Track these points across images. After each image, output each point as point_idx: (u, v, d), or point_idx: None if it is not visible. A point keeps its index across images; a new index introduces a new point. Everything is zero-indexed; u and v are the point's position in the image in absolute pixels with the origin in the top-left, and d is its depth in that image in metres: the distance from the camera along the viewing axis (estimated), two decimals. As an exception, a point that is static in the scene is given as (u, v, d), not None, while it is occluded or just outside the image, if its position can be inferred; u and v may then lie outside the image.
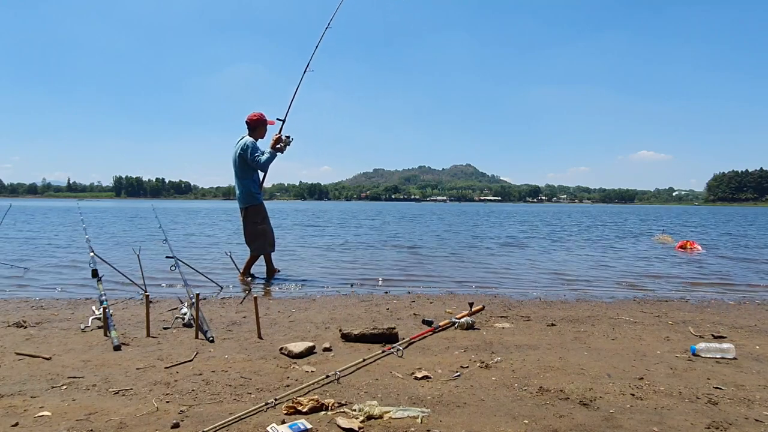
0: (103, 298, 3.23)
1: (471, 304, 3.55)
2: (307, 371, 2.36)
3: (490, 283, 5.37)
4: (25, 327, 3.13)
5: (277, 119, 5.23)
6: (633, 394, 2.11)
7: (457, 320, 3.23)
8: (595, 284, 5.46)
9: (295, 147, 5.43)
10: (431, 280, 5.59)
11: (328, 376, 2.17)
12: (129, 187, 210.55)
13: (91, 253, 3.82)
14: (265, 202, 5.41)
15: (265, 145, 5.18)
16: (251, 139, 5.13)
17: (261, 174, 5.29)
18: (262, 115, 5.19)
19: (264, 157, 5.04)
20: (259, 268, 5.54)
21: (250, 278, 5.31)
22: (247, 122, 5.19)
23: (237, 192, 5.25)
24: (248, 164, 5.09)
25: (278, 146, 5.11)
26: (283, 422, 1.77)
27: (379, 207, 65.45)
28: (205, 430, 1.69)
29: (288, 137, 5.16)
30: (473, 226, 17.67)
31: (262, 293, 4.64)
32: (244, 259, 5.50)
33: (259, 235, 5.26)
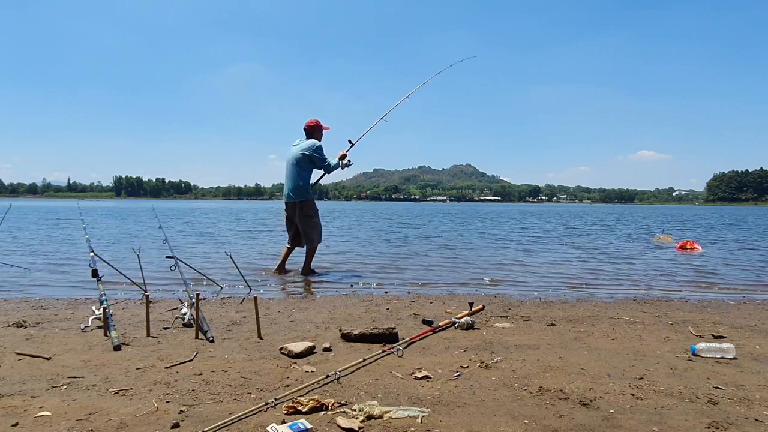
0: (103, 298, 3.23)
1: (471, 304, 3.56)
2: (307, 371, 2.36)
3: (488, 283, 5.38)
4: (25, 327, 3.13)
5: (349, 141, 5.71)
6: (633, 394, 2.11)
7: (457, 320, 3.23)
8: (594, 284, 5.46)
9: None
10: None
11: (328, 376, 2.17)
12: (129, 187, 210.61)
13: (91, 253, 3.82)
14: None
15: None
16: (317, 141, 5.53)
17: (317, 176, 5.71)
18: (318, 121, 5.63)
19: (333, 162, 5.52)
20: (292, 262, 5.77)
21: (307, 274, 5.61)
22: (305, 128, 5.61)
23: (288, 188, 5.53)
24: (311, 163, 5.45)
25: (342, 162, 5.57)
26: (283, 422, 1.77)
27: (373, 207, 65.31)
28: (205, 430, 1.69)
29: (350, 160, 5.63)
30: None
31: (265, 292, 4.64)
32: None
33: (312, 227, 5.57)
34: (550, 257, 8.10)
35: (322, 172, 5.65)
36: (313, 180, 5.65)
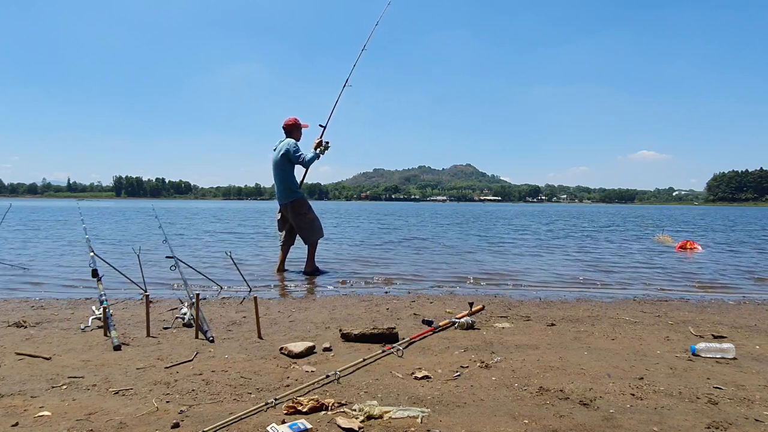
0: (103, 298, 3.23)
1: (471, 304, 3.56)
2: (307, 371, 2.36)
3: (491, 282, 5.38)
4: (25, 327, 3.13)
5: (320, 125, 5.72)
6: (633, 394, 2.11)
7: (457, 320, 3.23)
8: (595, 284, 5.46)
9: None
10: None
11: (328, 376, 2.17)
12: (129, 187, 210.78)
13: (91, 253, 3.82)
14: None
15: (303, 146, 5.59)
16: (293, 140, 5.55)
17: (301, 173, 5.78)
18: (296, 120, 5.63)
19: (309, 156, 5.51)
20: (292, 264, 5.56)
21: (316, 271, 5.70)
22: (283, 127, 5.63)
23: (277, 191, 5.62)
24: (291, 162, 5.49)
25: (319, 149, 5.60)
26: (283, 422, 1.77)
27: (373, 207, 65.28)
28: (205, 430, 1.69)
29: (327, 143, 5.63)
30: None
31: (265, 292, 4.64)
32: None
33: (308, 223, 5.64)
34: (550, 258, 8.10)
35: (303, 168, 5.69)
36: (299, 177, 5.71)
